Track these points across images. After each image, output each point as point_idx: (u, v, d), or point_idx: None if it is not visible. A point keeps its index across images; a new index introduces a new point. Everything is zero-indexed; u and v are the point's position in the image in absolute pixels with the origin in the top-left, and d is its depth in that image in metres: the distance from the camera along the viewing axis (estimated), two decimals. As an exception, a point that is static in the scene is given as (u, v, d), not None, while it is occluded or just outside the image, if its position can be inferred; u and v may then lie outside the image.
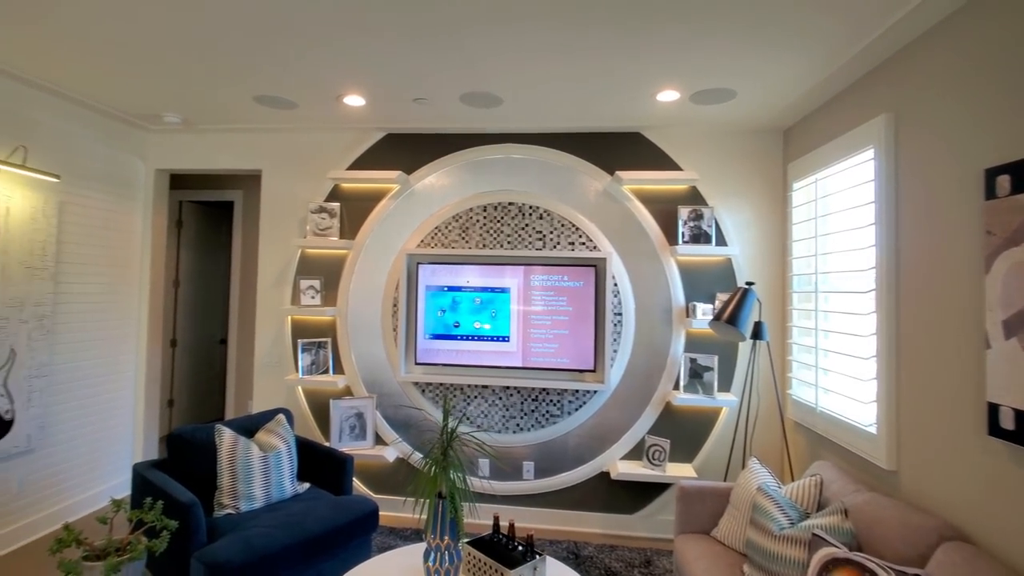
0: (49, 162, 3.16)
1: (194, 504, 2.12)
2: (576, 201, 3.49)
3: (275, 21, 2.19)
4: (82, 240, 3.39)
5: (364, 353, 3.59)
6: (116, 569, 1.74)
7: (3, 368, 2.89)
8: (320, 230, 3.58)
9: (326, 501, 2.51)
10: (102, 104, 3.34)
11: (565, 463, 3.46)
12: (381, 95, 3.01)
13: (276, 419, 2.81)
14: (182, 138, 3.84)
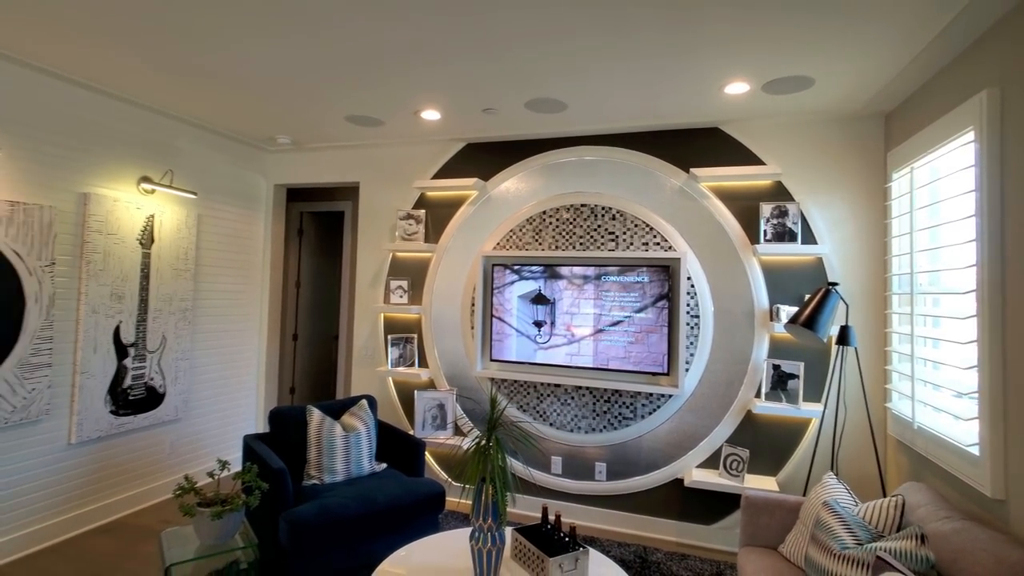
0: (190, 182, 3.81)
1: (283, 471, 2.46)
2: (650, 201, 3.45)
3: (360, 53, 2.48)
4: (216, 246, 4.03)
5: (445, 349, 3.84)
6: (219, 516, 2.09)
7: (157, 351, 3.54)
8: (407, 235, 3.90)
9: (398, 480, 2.76)
10: (229, 131, 3.95)
11: (638, 467, 3.42)
12: (453, 108, 3.24)
13: (360, 404, 3.13)
14: (293, 156, 4.39)
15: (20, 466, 2.86)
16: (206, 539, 2.19)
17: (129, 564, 2.81)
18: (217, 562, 2.21)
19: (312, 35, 2.33)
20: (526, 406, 3.65)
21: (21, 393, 2.84)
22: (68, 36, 2.46)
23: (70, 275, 3.08)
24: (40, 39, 2.51)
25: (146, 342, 3.48)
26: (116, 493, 3.36)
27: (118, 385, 3.32)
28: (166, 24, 2.29)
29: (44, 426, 2.97)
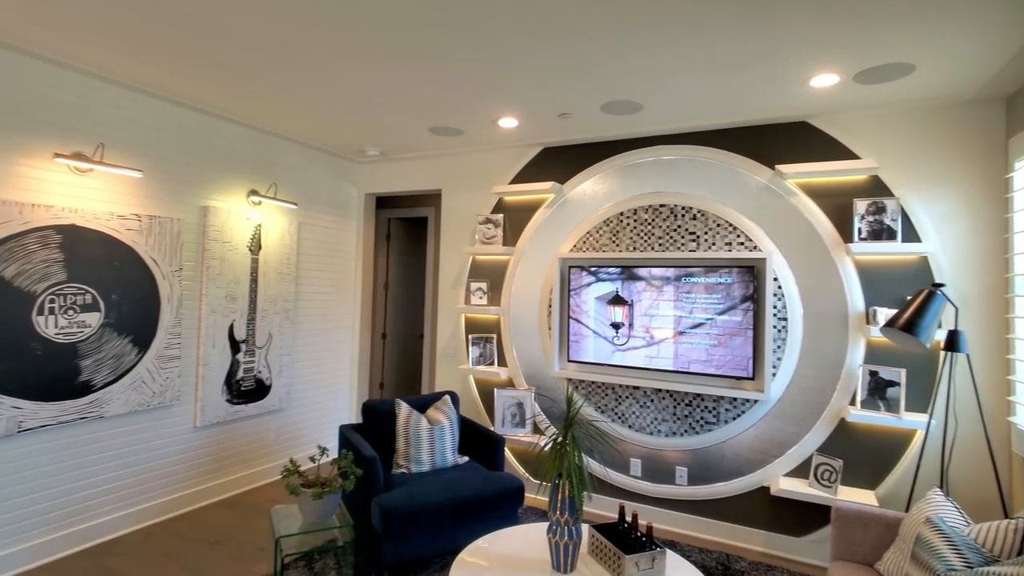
0: (291, 193, 4.18)
1: (375, 459, 2.66)
2: (733, 199, 3.35)
3: (443, 69, 2.63)
4: (313, 251, 4.38)
5: (523, 348, 3.94)
6: (320, 496, 2.31)
7: (264, 347, 3.92)
8: (486, 239, 4.04)
9: (479, 473, 2.88)
10: (325, 146, 4.29)
11: (721, 473, 3.33)
12: (530, 115, 3.33)
13: (443, 399, 3.29)
14: (381, 167, 4.68)
15: (159, 443, 3.30)
16: (308, 517, 2.42)
17: (244, 534, 3.15)
18: (318, 538, 2.44)
19: (400, 58, 2.51)
20: (604, 407, 3.66)
21: (159, 380, 3.26)
22: (194, 72, 2.80)
23: (193, 279, 3.49)
24: (173, 75, 2.88)
25: (255, 339, 3.87)
26: (232, 472, 3.76)
27: (232, 377, 3.71)
28: (275, 56, 2.55)
29: (175, 410, 3.39)
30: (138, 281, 3.17)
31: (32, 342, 2.72)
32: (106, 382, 3.02)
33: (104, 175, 3.02)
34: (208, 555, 2.90)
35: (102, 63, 2.79)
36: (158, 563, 2.81)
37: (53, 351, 2.80)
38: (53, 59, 2.75)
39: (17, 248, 2.67)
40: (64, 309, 2.84)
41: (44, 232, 2.77)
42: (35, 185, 2.75)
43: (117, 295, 3.06)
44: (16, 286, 2.67)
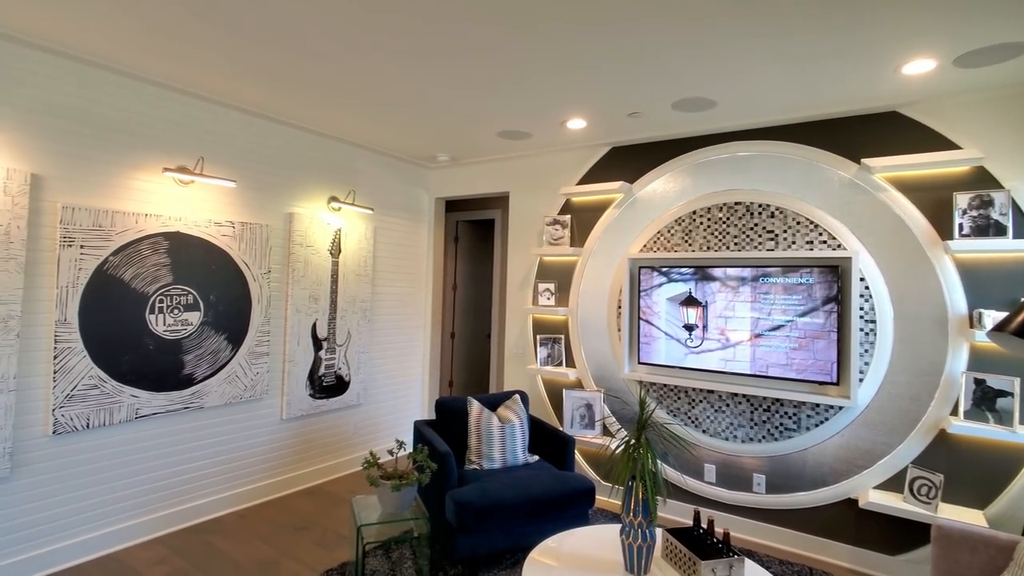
0: (368, 199, 4.38)
1: (448, 454, 2.74)
2: (814, 196, 3.19)
3: (511, 76, 2.69)
4: (388, 254, 4.57)
5: (592, 350, 3.92)
6: (398, 488, 2.41)
7: (344, 345, 4.13)
8: (554, 240, 4.06)
9: (550, 472, 2.90)
10: (398, 152, 4.46)
11: (802, 482, 3.18)
12: (598, 115, 3.32)
13: (513, 398, 3.34)
14: (451, 171, 4.81)
15: (250, 433, 3.56)
16: (387, 507, 2.53)
17: (326, 521, 3.33)
18: (395, 529, 2.55)
19: (472, 67, 2.58)
20: (676, 411, 3.58)
21: (250, 375, 3.52)
22: (284, 89, 3.01)
23: (280, 280, 3.73)
24: (265, 93, 3.10)
25: (336, 337, 4.08)
26: (314, 463, 3.99)
27: (315, 373, 3.94)
28: (356, 72, 2.70)
29: (264, 403, 3.64)
30: (232, 283, 3.43)
31: (145, 338, 3.01)
32: (205, 376, 3.29)
33: (203, 186, 3.29)
34: (295, 540, 3.10)
35: (204, 84, 3.05)
36: (252, 544, 3.03)
37: (162, 346, 3.09)
38: (162, 83, 3.04)
39: (134, 253, 2.97)
40: (170, 308, 3.13)
41: (155, 239, 3.06)
42: (147, 197, 3.04)
43: (215, 296, 3.33)
44: (133, 287, 2.97)
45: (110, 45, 2.58)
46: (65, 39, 2.53)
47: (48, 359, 2.69)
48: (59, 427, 2.71)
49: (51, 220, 2.70)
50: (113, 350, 2.89)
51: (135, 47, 2.59)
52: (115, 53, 2.67)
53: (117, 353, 2.90)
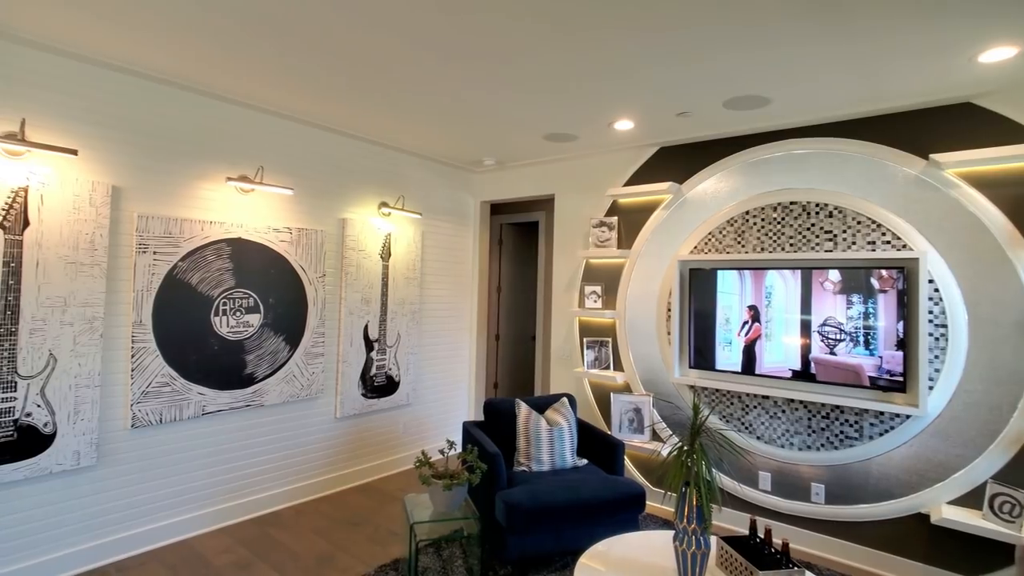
0: (416, 204, 4.48)
1: (498, 455, 2.77)
2: (876, 194, 3.05)
3: (557, 80, 2.70)
4: (435, 257, 4.66)
5: (641, 353, 3.87)
6: (449, 488, 2.46)
7: (394, 346, 4.23)
8: (600, 242, 4.03)
9: (599, 476, 2.89)
10: (445, 158, 4.54)
11: (865, 493, 3.04)
12: (646, 116, 3.28)
13: (561, 401, 3.34)
14: (496, 175, 4.86)
15: (306, 431, 3.70)
16: (438, 506, 2.58)
17: (379, 518, 3.43)
18: (447, 527, 2.59)
19: (518, 72, 2.60)
20: (729, 416, 3.49)
21: (306, 375, 3.66)
22: (337, 99, 3.12)
23: (334, 284, 3.86)
24: (320, 104, 3.23)
25: (386, 338, 4.19)
26: (366, 461, 4.10)
27: (367, 373, 4.06)
28: (405, 81, 2.77)
29: (319, 402, 3.78)
30: (290, 286, 3.58)
31: (211, 339, 3.18)
32: (265, 375, 3.44)
33: (263, 194, 3.45)
34: (349, 535, 3.20)
35: (263, 97, 3.20)
36: (309, 537, 3.15)
37: (226, 347, 3.25)
38: (225, 97, 3.21)
39: (200, 259, 3.14)
40: (233, 311, 3.29)
41: (218, 245, 3.23)
42: (211, 205, 3.22)
43: (273, 299, 3.48)
44: (200, 291, 3.14)
45: (179, 63, 2.74)
46: (138, 59, 2.71)
47: (126, 358, 2.88)
48: (136, 421, 2.89)
49: (128, 228, 2.89)
50: (182, 350, 3.06)
51: (201, 64, 2.75)
52: (183, 71, 2.84)
53: (186, 353, 3.08)
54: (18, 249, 2.52)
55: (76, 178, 2.68)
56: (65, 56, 2.65)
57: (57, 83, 2.65)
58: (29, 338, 2.54)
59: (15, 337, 2.51)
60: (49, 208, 2.60)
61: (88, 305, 2.72)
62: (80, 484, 2.73)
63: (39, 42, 2.54)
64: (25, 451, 2.54)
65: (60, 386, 2.63)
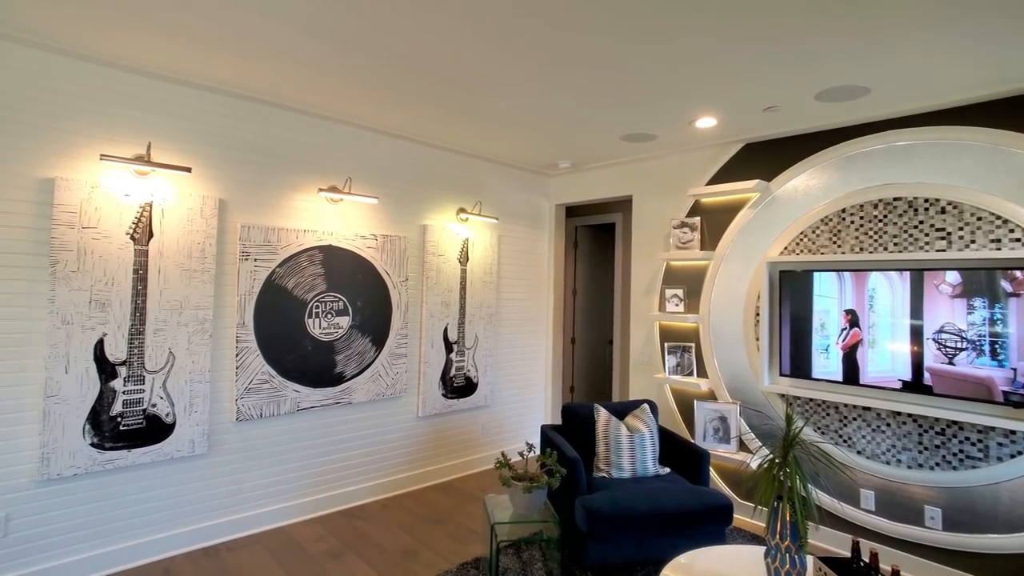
0: (492, 208, 4.55)
1: (577, 460, 2.75)
2: (1000, 186, 2.74)
3: (636, 80, 2.65)
4: (511, 261, 4.71)
5: (726, 360, 3.70)
6: (529, 490, 2.47)
7: (472, 348, 4.32)
8: (682, 243, 3.90)
9: (683, 486, 2.79)
10: (520, 163, 4.58)
11: (993, 522, 2.72)
12: (730, 112, 3.14)
13: (642, 407, 3.26)
14: (571, 178, 4.84)
15: (390, 429, 3.86)
16: (518, 508, 2.60)
17: (459, 517, 3.50)
18: (526, 529, 2.60)
19: (595, 74, 2.58)
20: (825, 428, 3.25)
21: (391, 375, 3.82)
22: (419, 111, 3.24)
23: (416, 287, 4.00)
24: (403, 116, 3.36)
25: (465, 340, 4.29)
26: (446, 460, 4.21)
27: (447, 374, 4.17)
28: (484, 89, 2.83)
29: (403, 401, 3.93)
30: (375, 290, 3.75)
31: (305, 340, 3.40)
32: (353, 374, 3.63)
33: (351, 203, 3.64)
34: (431, 531, 3.29)
35: (350, 112, 3.38)
36: (394, 532, 3.27)
37: (318, 347, 3.46)
38: (316, 113, 3.43)
39: (295, 265, 3.37)
40: (324, 313, 3.49)
41: (311, 252, 3.44)
42: (304, 214, 3.44)
43: (361, 302, 3.66)
44: (295, 295, 3.37)
45: (278, 85, 2.96)
46: (243, 83, 2.95)
47: (232, 356, 3.13)
48: (240, 415, 3.14)
49: (232, 238, 3.15)
50: (279, 350, 3.29)
51: (297, 85, 2.95)
52: (281, 92, 3.07)
53: (282, 352, 3.31)
54: (144, 258, 2.82)
55: (190, 193, 2.97)
56: (183, 84, 2.95)
57: (176, 108, 2.95)
58: (153, 337, 2.84)
59: (143, 336, 2.80)
60: (168, 221, 2.89)
61: (200, 308, 2.99)
62: (194, 470, 3.00)
63: (163, 74, 2.84)
64: (151, 437, 2.83)
65: (178, 381, 2.91)
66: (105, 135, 2.73)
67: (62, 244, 2.58)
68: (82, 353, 2.63)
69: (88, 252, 2.65)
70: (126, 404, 2.75)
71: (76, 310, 2.62)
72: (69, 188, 2.60)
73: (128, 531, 2.80)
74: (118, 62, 2.71)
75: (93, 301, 2.66)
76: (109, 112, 2.74)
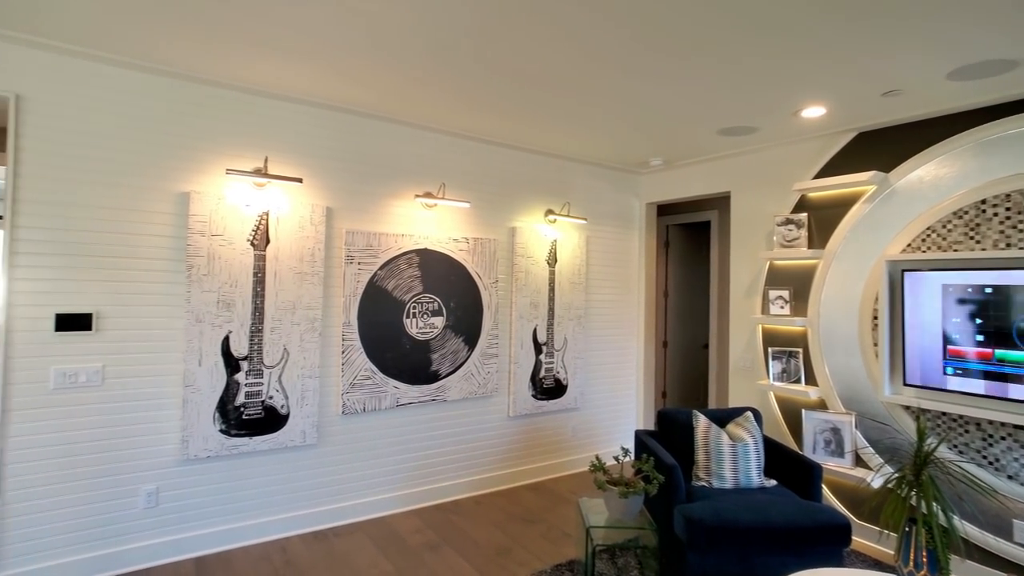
0: (580, 209, 4.51)
1: (676, 467, 2.65)
2: None
3: (736, 70, 2.51)
4: (599, 262, 4.64)
5: (839, 367, 3.41)
6: (625, 495, 2.41)
7: (561, 350, 4.31)
8: (787, 241, 3.65)
9: (791, 500, 2.60)
10: (609, 162, 4.50)
11: None
12: (842, 99, 2.90)
13: (745, 415, 3.08)
14: (664, 175, 4.68)
15: (482, 427, 3.93)
16: (614, 513, 2.55)
17: (552, 517, 3.50)
18: (621, 534, 2.55)
19: (690, 67, 2.47)
20: (964, 446, 2.90)
21: (482, 374, 3.89)
22: (511, 117, 3.28)
23: (505, 289, 4.05)
24: (495, 122, 3.42)
25: (553, 342, 4.28)
26: (537, 460, 4.23)
27: (536, 375, 4.18)
28: (574, 90, 2.81)
29: (494, 400, 3.99)
30: (467, 292, 3.84)
31: (403, 338, 3.55)
32: (447, 373, 3.74)
33: (444, 207, 3.76)
34: (524, 530, 3.32)
35: (442, 120, 3.49)
36: (488, 528, 3.33)
37: (415, 346, 3.60)
38: (412, 123, 3.57)
39: (394, 268, 3.53)
40: (421, 313, 3.63)
41: (409, 255, 3.59)
42: (402, 220, 3.59)
43: (454, 303, 3.77)
44: (394, 296, 3.53)
45: (378, 98, 3.12)
46: (348, 98, 3.14)
47: (338, 353, 3.34)
48: (346, 408, 3.34)
49: (338, 243, 3.36)
50: (380, 348, 3.46)
51: (392, 96, 3.09)
52: (381, 104, 3.23)
53: (383, 350, 3.47)
54: (262, 263, 3.08)
55: (301, 202, 3.20)
56: (294, 101, 3.19)
57: (288, 124, 3.19)
58: (270, 335, 3.08)
59: (261, 334, 3.06)
60: (282, 228, 3.13)
61: (310, 308, 3.21)
62: (305, 459, 3.23)
63: (277, 93, 3.09)
64: (269, 427, 3.08)
65: (291, 375, 3.15)
66: (230, 151, 3.01)
67: (195, 250, 2.88)
68: (212, 348, 2.92)
69: (216, 257, 2.93)
70: (247, 396, 3.02)
71: (207, 309, 2.91)
72: (201, 200, 2.89)
73: (251, 510, 3.06)
74: (240, 85, 2.98)
75: (220, 301, 2.94)
76: (233, 130, 3.02)
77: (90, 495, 2.67)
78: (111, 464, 2.71)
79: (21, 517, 2.52)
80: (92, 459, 2.67)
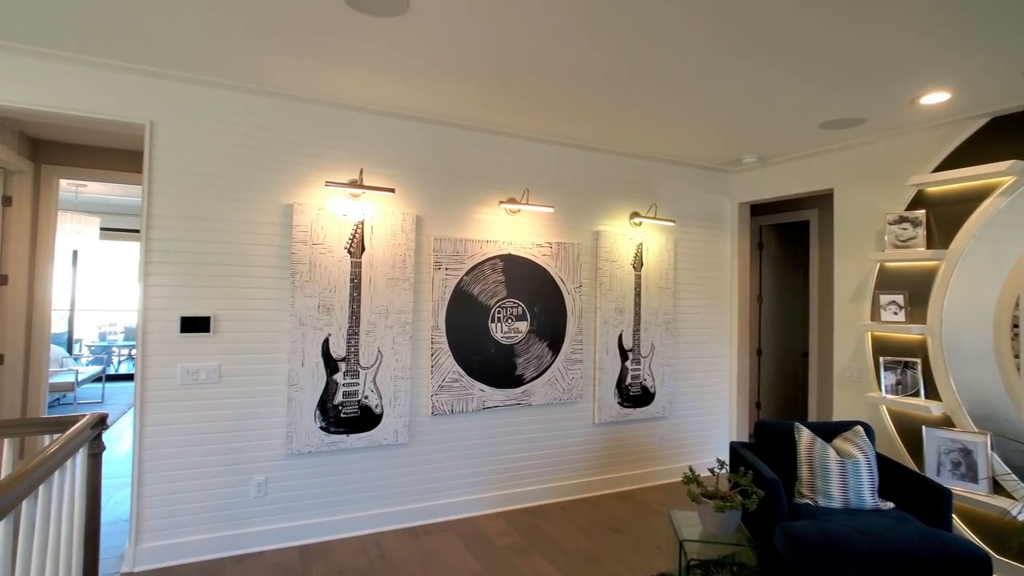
0: (668, 211, 4.37)
1: (777, 482, 2.48)
2: None
3: (845, 57, 2.33)
4: (688, 265, 4.46)
5: (968, 380, 3.05)
6: (721, 510, 2.29)
7: (648, 356, 4.18)
8: (901, 242, 3.33)
9: (914, 526, 2.35)
10: (698, 161, 4.33)
11: None
12: (970, 82, 2.60)
13: (854, 430, 2.83)
14: (758, 173, 4.43)
15: (567, 433, 3.90)
16: (708, 527, 2.42)
17: (640, 528, 3.40)
18: (716, 550, 2.41)
19: (790, 57, 2.32)
20: None
21: (567, 379, 3.87)
22: (594, 120, 3.25)
23: (589, 294, 4.00)
24: (576, 126, 3.41)
25: (640, 348, 4.17)
26: (623, 469, 4.13)
27: (622, 382, 4.09)
28: (658, 88, 2.73)
29: (579, 406, 3.95)
30: (551, 296, 3.83)
31: (488, 343, 3.60)
32: (532, 377, 3.75)
33: (527, 213, 3.78)
34: (612, 539, 3.24)
35: (524, 126, 3.52)
36: (574, 535, 3.29)
37: (500, 350, 3.64)
38: (494, 130, 3.63)
39: (479, 273, 3.59)
40: (505, 318, 3.67)
41: (493, 260, 3.64)
42: (487, 226, 3.65)
43: (537, 308, 3.77)
44: (479, 301, 3.59)
45: (464, 108, 3.20)
46: (430, 108, 3.25)
47: (427, 356, 3.45)
48: (435, 409, 3.44)
49: (427, 250, 3.47)
50: (467, 351, 3.54)
51: (476, 105, 3.16)
52: (467, 114, 3.31)
53: (469, 354, 3.54)
54: (358, 269, 3.24)
55: (393, 211, 3.34)
56: (385, 115, 3.35)
57: (381, 137, 3.36)
58: (365, 338, 3.24)
59: (357, 337, 3.23)
60: (376, 236, 3.29)
61: (402, 312, 3.34)
62: (397, 457, 3.36)
63: (369, 108, 3.26)
64: (364, 425, 3.24)
65: (385, 376, 3.29)
66: (328, 164, 3.21)
67: (299, 258, 3.09)
68: (313, 350, 3.12)
69: (316, 265, 3.13)
70: (345, 395, 3.19)
71: (308, 314, 3.11)
72: (303, 211, 3.10)
73: (348, 504, 3.23)
74: (337, 101, 3.18)
75: (320, 306, 3.14)
76: (330, 144, 3.22)
77: (211, 481, 2.93)
78: (228, 455, 2.97)
79: (157, 497, 2.82)
80: (212, 448, 2.94)
